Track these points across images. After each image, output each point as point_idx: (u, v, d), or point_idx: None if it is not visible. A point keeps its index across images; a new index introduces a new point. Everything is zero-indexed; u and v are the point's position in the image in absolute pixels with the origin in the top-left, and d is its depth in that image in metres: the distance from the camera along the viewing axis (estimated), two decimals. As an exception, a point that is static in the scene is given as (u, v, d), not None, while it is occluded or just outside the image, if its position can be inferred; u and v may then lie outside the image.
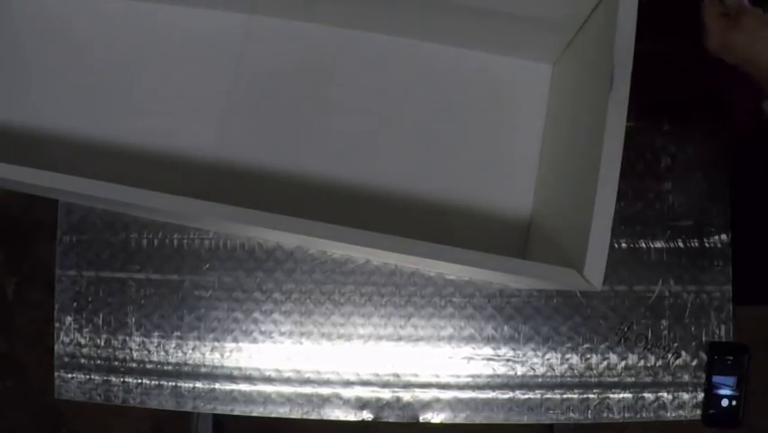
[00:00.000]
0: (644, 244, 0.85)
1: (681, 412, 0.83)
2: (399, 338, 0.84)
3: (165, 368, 0.85)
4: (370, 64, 0.85)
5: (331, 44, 0.85)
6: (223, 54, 0.85)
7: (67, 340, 0.86)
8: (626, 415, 0.83)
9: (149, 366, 0.85)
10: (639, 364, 0.83)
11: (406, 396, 0.83)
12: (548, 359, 0.83)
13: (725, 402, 0.81)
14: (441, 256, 0.59)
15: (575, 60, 0.75)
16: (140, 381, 0.85)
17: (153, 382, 0.85)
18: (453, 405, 0.83)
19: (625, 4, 0.60)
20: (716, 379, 0.82)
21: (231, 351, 0.84)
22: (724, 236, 0.85)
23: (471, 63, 0.84)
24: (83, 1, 0.87)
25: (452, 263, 0.60)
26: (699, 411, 0.83)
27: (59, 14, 0.87)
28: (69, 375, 0.86)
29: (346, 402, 0.83)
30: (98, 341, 0.86)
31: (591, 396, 0.82)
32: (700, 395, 0.83)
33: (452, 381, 0.83)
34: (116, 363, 0.85)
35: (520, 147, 0.82)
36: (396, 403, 0.83)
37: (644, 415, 0.83)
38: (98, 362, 0.86)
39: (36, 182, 0.64)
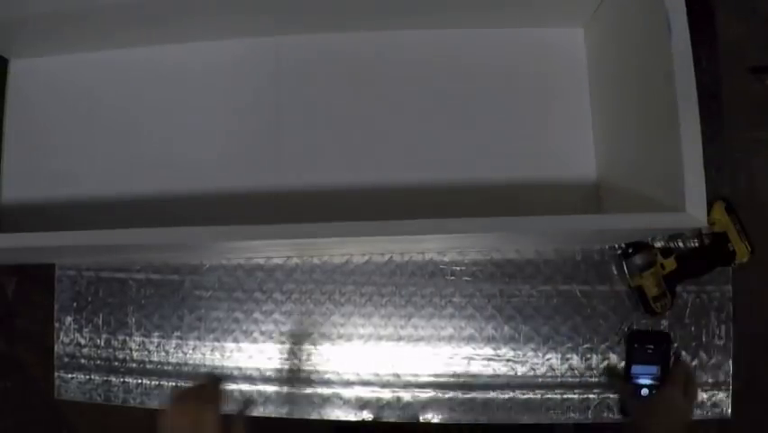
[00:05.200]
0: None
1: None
2: (400, 338, 0.84)
3: (165, 368, 0.85)
4: (408, 60, 0.84)
5: (361, 49, 0.84)
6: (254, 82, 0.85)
7: (67, 340, 0.86)
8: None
9: (149, 366, 0.85)
10: (639, 364, 0.83)
11: (406, 396, 0.83)
12: (548, 359, 0.83)
13: (644, 392, 0.79)
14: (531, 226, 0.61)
15: (610, 19, 0.74)
16: (140, 381, 0.85)
17: (153, 383, 0.85)
18: (453, 405, 0.83)
19: None
20: (636, 369, 0.80)
21: (231, 351, 0.84)
22: (724, 236, 0.85)
23: (504, 41, 0.83)
24: (81, 60, 0.86)
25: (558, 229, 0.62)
26: (697, 411, 0.82)
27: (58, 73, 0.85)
28: (69, 375, 0.86)
29: (346, 402, 0.83)
30: (98, 341, 0.86)
31: (591, 396, 0.82)
32: (702, 395, 0.82)
33: (453, 381, 0.83)
34: (116, 363, 0.85)
35: (570, 114, 0.82)
36: (396, 403, 0.83)
37: (644, 415, 0.83)
38: (98, 362, 0.86)
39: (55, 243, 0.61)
